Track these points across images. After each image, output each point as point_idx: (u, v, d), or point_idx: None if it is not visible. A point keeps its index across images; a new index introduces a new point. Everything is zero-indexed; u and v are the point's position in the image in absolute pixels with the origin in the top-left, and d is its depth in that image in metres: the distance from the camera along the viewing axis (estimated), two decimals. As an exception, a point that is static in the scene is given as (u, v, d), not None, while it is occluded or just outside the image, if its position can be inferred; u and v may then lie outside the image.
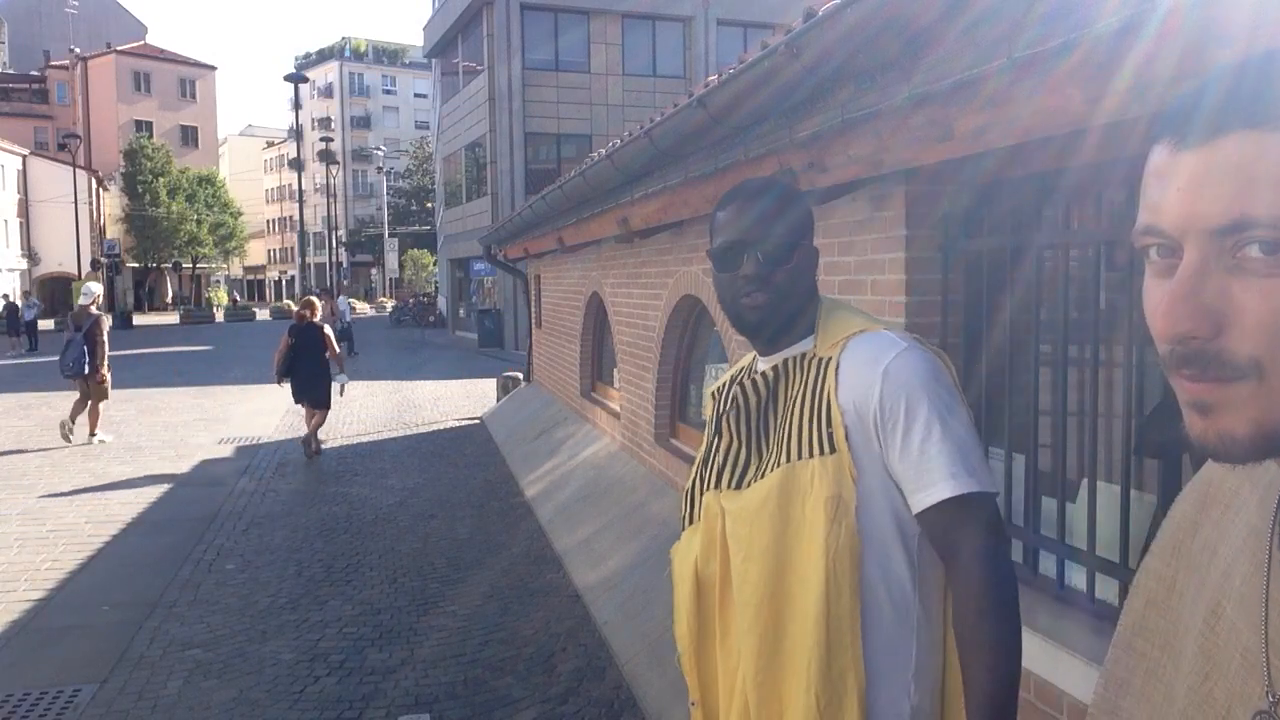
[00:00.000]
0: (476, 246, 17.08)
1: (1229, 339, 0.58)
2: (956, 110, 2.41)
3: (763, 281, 1.46)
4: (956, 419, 1.37)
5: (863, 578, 1.37)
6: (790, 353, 1.51)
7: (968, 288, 3.02)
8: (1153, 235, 0.62)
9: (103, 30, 65.00)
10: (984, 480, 1.36)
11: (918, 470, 1.35)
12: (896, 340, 1.43)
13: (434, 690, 4.21)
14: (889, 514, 1.39)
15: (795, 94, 3.06)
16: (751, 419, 1.51)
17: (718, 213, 1.55)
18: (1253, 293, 0.57)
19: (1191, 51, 1.65)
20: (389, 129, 75.26)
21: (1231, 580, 0.70)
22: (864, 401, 1.38)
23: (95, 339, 10.29)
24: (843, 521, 1.36)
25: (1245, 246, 0.57)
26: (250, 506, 7.77)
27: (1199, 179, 0.58)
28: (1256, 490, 0.71)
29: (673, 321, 6.19)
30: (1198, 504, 0.79)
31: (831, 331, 1.48)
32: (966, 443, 1.36)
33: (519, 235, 10.84)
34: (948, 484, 1.33)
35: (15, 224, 47.09)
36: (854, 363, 1.42)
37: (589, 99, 27.35)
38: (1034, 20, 2.00)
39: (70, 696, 4.19)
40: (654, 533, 5.51)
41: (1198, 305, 0.58)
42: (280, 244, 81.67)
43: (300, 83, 24.78)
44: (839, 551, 1.35)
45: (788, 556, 1.40)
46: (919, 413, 1.36)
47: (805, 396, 1.45)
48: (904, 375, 1.38)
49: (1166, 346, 0.61)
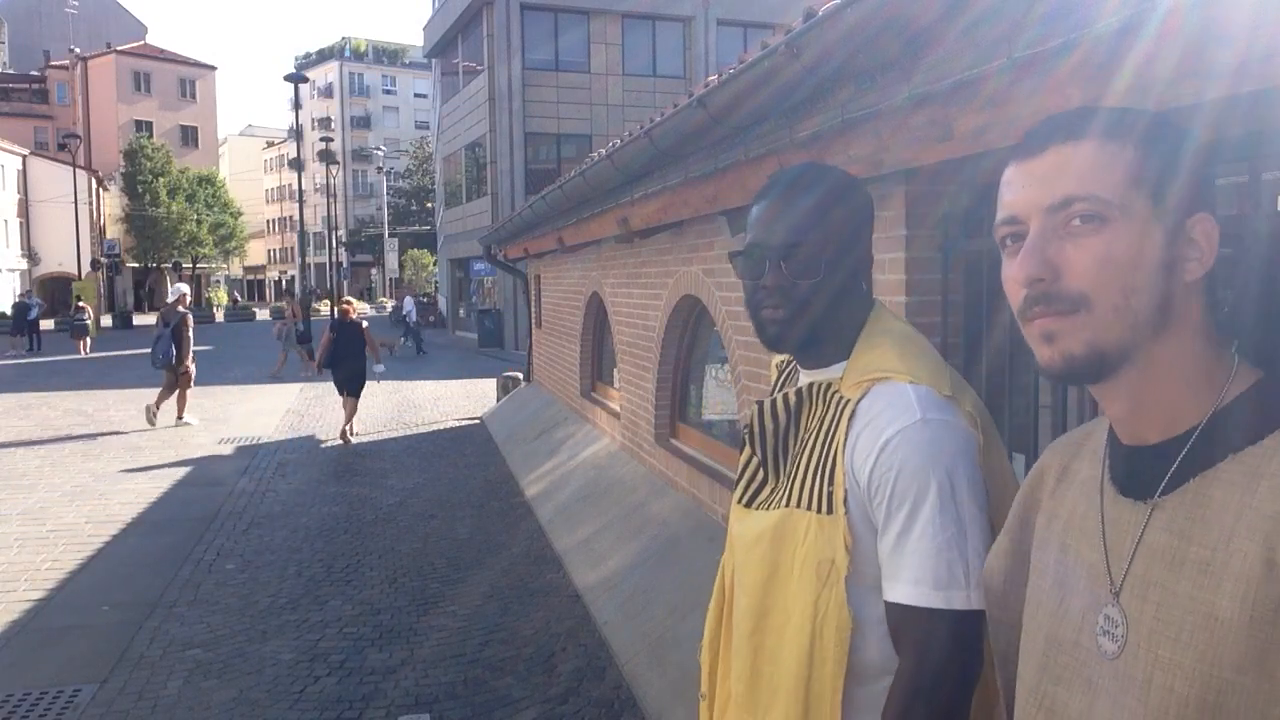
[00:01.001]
0: (476, 246, 17.09)
1: (1064, 282, 0.83)
2: (956, 110, 2.41)
3: (783, 294, 1.30)
4: (951, 515, 1.21)
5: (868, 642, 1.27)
6: (822, 376, 1.37)
7: (968, 288, 3.02)
8: (1007, 225, 0.88)
9: (103, 30, 64.98)
10: (958, 595, 1.19)
11: (890, 560, 1.24)
12: (914, 405, 1.24)
13: (434, 690, 4.22)
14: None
15: (795, 94, 3.06)
16: (769, 440, 1.39)
17: (753, 205, 1.38)
18: (1078, 249, 0.83)
19: (1191, 51, 1.65)
20: (389, 129, 75.26)
21: (1072, 523, 0.93)
22: (861, 469, 1.26)
23: (182, 334, 11.52)
24: (833, 588, 1.26)
25: (1071, 220, 0.83)
26: (250, 506, 7.77)
27: (1035, 177, 0.86)
28: (1086, 459, 0.96)
29: (673, 321, 6.19)
30: (1031, 486, 1.03)
31: (861, 365, 1.32)
32: (955, 547, 1.20)
33: (519, 235, 10.84)
34: (908, 588, 1.21)
35: (15, 224, 47.07)
36: (864, 420, 1.27)
37: (589, 99, 27.36)
38: (1034, 20, 2.00)
39: (70, 696, 4.19)
40: (654, 533, 5.51)
41: (1043, 258, 0.84)
42: (280, 244, 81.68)
43: (300, 83, 24.75)
44: (826, 617, 1.26)
45: (772, 601, 1.33)
46: (905, 500, 1.22)
47: (818, 438, 1.33)
48: (902, 454, 1.22)
49: (1021, 293, 0.86)
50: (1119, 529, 0.87)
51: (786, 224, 1.30)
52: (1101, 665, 0.85)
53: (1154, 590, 0.81)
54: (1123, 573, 0.85)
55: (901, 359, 1.30)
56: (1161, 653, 0.79)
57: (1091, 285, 0.82)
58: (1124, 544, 0.85)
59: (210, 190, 57.80)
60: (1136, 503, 0.85)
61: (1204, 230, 0.83)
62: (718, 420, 5.94)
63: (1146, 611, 0.81)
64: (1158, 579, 0.81)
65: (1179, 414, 0.84)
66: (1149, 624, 0.80)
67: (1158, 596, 0.81)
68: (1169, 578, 0.80)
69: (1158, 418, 0.85)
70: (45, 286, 47.39)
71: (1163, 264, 0.82)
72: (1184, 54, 1.66)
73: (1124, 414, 0.88)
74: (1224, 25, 1.59)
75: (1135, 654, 0.81)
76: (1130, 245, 0.82)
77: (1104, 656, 0.85)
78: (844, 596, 1.25)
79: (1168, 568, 0.81)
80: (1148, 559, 0.82)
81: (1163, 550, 0.82)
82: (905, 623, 1.22)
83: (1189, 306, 0.84)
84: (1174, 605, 0.79)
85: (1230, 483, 0.79)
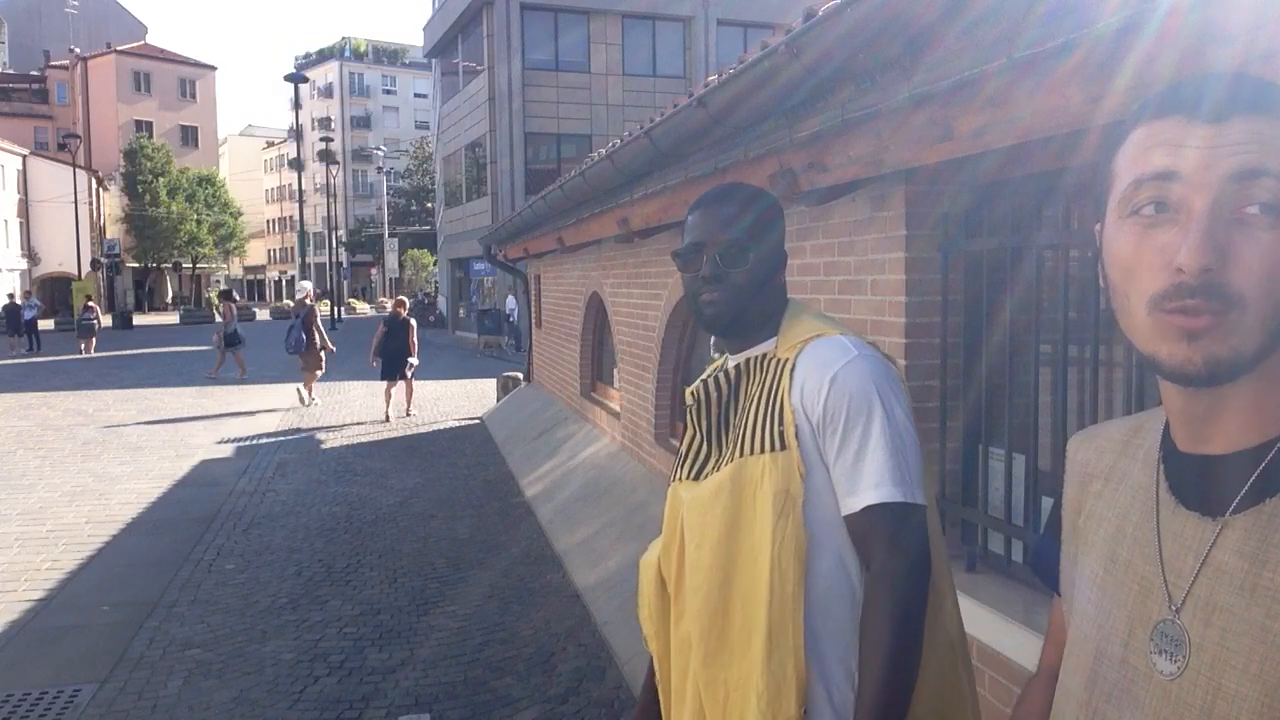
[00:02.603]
0: (476, 246, 17.09)
1: (1231, 274, 0.72)
2: (956, 110, 2.41)
3: (718, 281, 1.53)
4: (895, 429, 1.41)
5: (810, 570, 1.42)
6: (754, 352, 1.58)
7: (968, 288, 3.02)
8: (1157, 181, 0.76)
9: (103, 30, 64.98)
10: (910, 491, 1.39)
11: (849, 476, 1.41)
12: (849, 347, 1.48)
13: (434, 690, 4.22)
14: (836, 510, 1.44)
15: (795, 94, 3.06)
16: (713, 414, 1.59)
17: (688, 215, 1.62)
18: (1249, 241, 0.72)
19: (1191, 51, 1.65)
20: (389, 129, 75.23)
21: (1124, 531, 0.87)
22: (812, 404, 1.45)
23: (311, 324, 13.39)
24: (789, 515, 1.42)
25: (1249, 205, 0.72)
26: (250, 506, 7.77)
27: (1217, 141, 0.74)
28: (1138, 460, 0.89)
29: (672, 321, 6.19)
30: (1078, 487, 0.97)
31: (792, 334, 1.55)
32: (901, 453, 1.40)
33: (519, 235, 10.84)
34: (871, 492, 1.38)
35: (15, 224, 47.07)
36: (807, 366, 1.48)
37: (589, 99, 27.36)
38: (1034, 20, 2.00)
39: (70, 696, 4.19)
40: (654, 533, 5.50)
41: (1215, 244, 0.72)
42: (280, 244, 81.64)
43: (300, 83, 24.78)
44: (784, 544, 1.41)
45: (737, 547, 1.46)
46: (858, 420, 1.41)
47: (762, 395, 1.52)
48: (850, 382, 1.43)
49: (1175, 281, 0.74)
50: (1180, 544, 0.81)
51: (718, 224, 1.55)
52: (1151, 685, 0.80)
53: (1220, 615, 0.76)
54: (1184, 592, 0.79)
55: (826, 324, 1.56)
56: (1226, 683, 0.74)
57: (1253, 287, 0.73)
58: (1185, 560, 0.80)
59: (210, 190, 57.79)
60: (1203, 518, 0.80)
61: None
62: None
63: (1210, 637, 0.76)
64: (1225, 604, 0.76)
65: (1256, 425, 0.79)
66: (1213, 650, 0.76)
67: (1223, 622, 0.75)
68: (1238, 603, 0.75)
69: (1233, 427, 0.80)
70: (45, 286, 47.40)
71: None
72: (1184, 54, 1.66)
73: (1199, 417, 0.81)
74: (1224, 25, 1.59)
75: (1195, 681, 0.76)
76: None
77: (1162, 676, 0.80)
78: (801, 520, 1.42)
79: (1237, 593, 0.75)
80: (1214, 580, 0.77)
81: (1232, 573, 0.76)
82: (872, 524, 1.38)
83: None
84: (1243, 634, 0.74)
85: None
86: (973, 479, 3.07)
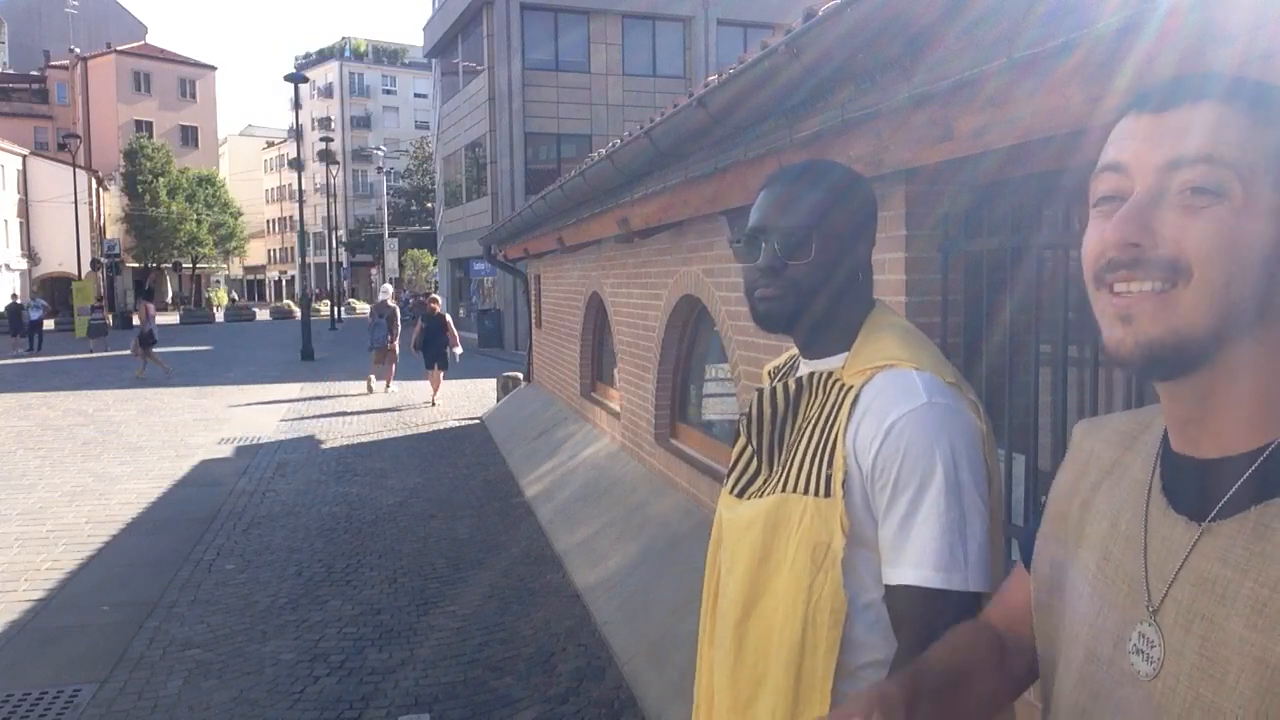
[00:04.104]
0: (476, 246, 17.10)
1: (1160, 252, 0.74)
2: (956, 110, 2.41)
3: (775, 274, 1.33)
4: (956, 500, 1.20)
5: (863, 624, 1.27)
6: (823, 365, 1.38)
7: (968, 288, 3.02)
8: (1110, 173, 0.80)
9: (103, 30, 64.97)
10: (958, 577, 1.19)
11: (893, 544, 1.23)
12: (920, 390, 1.24)
13: (434, 690, 4.22)
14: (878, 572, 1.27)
15: (795, 94, 3.06)
16: (765, 429, 1.41)
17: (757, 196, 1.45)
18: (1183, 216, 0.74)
19: (1191, 51, 1.65)
20: (389, 129, 75.22)
21: (1118, 527, 0.85)
22: (865, 453, 1.25)
23: (393, 323, 15.21)
24: (829, 572, 1.25)
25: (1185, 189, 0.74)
26: (250, 507, 7.77)
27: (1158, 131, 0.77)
28: (1139, 455, 0.88)
29: (673, 321, 6.19)
30: (1076, 474, 0.94)
31: (864, 355, 1.33)
32: (958, 530, 1.20)
33: (519, 235, 10.84)
34: (910, 570, 1.20)
35: (15, 224, 47.06)
36: (869, 403, 1.27)
37: (589, 99, 27.35)
38: (1034, 20, 2.00)
39: (70, 696, 4.19)
40: (654, 533, 5.51)
41: (1144, 222, 0.75)
42: (280, 244, 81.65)
43: (300, 83, 24.71)
44: (820, 602, 1.26)
45: (765, 586, 1.32)
46: (910, 482, 1.21)
47: (818, 424, 1.32)
48: (909, 435, 1.22)
49: (1107, 256, 0.77)
50: (1166, 545, 0.80)
51: (780, 208, 1.34)
52: (1135, 687, 0.79)
53: (1200, 623, 0.75)
54: (1162, 593, 0.79)
55: (905, 348, 1.31)
56: (1203, 692, 0.73)
57: (1193, 260, 0.73)
58: (1168, 563, 0.79)
59: (210, 190, 57.81)
60: (1189, 522, 0.79)
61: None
62: (718, 420, 5.94)
63: (1190, 645, 0.75)
64: (1206, 612, 0.75)
65: (1246, 430, 0.77)
66: (1192, 659, 0.75)
67: (1203, 631, 0.74)
68: (1219, 612, 0.73)
69: (1221, 430, 0.78)
70: (45, 286, 47.40)
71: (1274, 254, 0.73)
72: (1184, 54, 1.66)
73: (1184, 419, 0.81)
74: (1224, 25, 1.59)
75: (1174, 688, 0.75)
76: (1243, 225, 0.73)
77: (1137, 677, 0.79)
78: (840, 580, 1.24)
79: (1219, 602, 0.74)
80: (1195, 587, 0.76)
81: (1214, 581, 0.75)
82: (906, 605, 1.21)
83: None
84: (1222, 644, 0.73)
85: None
86: (973, 479, 3.06)
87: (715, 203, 4.35)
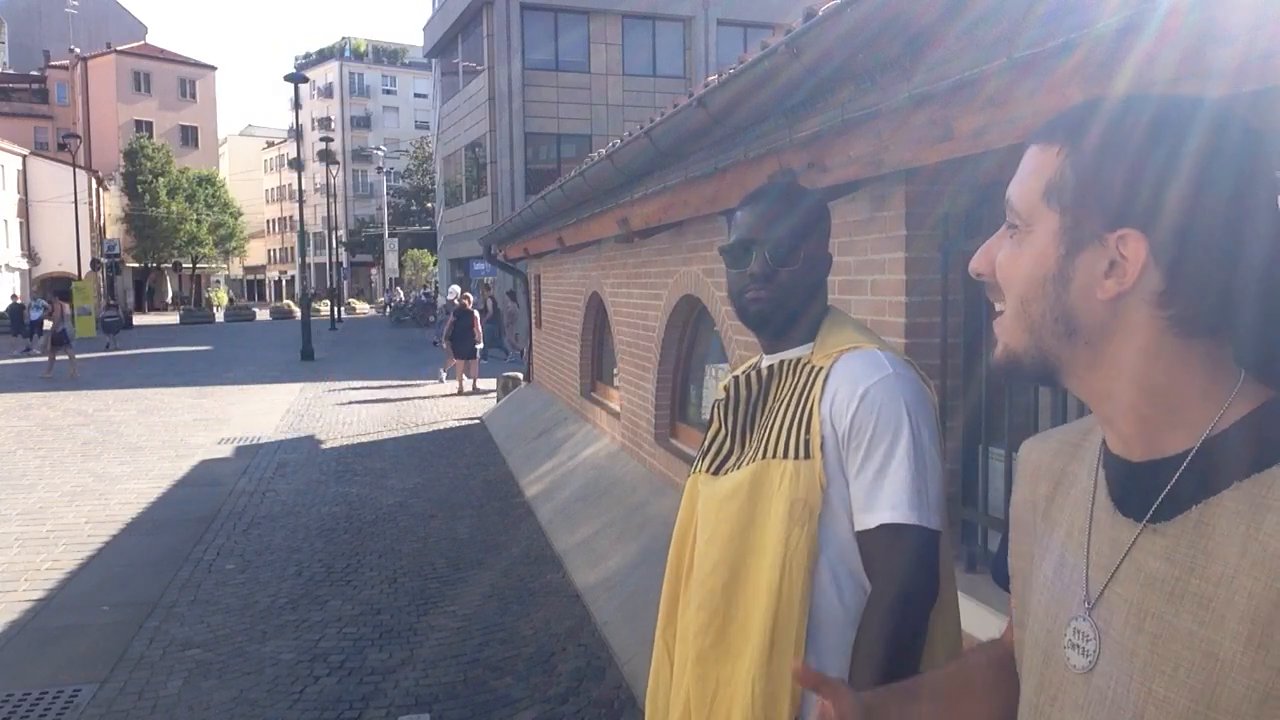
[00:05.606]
0: (476, 246, 17.11)
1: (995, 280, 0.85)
2: (956, 110, 2.41)
3: (767, 279, 1.53)
4: (921, 452, 1.42)
5: (818, 581, 1.42)
6: (789, 355, 1.57)
7: (968, 288, 3.02)
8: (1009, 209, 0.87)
9: (103, 30, 64.97)
10: (925, 515, 1.39)
11: (868, 493, 1.41)
12: (885, 363, 1.47)
13: (434, 690, 4.22)
14: (849, 527, 1.44)
15: (795, 94, 3.06)
16: (740, 411, 1.59)
17: (736, 211, 1.63)
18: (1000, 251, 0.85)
19: (1191, 51, 1.65)
20: (389, 129, 75.21)
21: (1071, 534, 0.89)
22: (840, 416, 1.45)
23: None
24: (804, 526, 1.42)
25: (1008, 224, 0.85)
26: (250, 506, 7.77)
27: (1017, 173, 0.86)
28: (1084, 463, 0.92)
29: (673, 321, 6.19)
30: (1029, 489, 0.99)
31: (829, 343, 1.54)
32: (923, 477, 1.41)
33: (519, 235, 10.84)
34: (887, 511, 1.39)
35: (15, 224, 47.07)
36: (841, 377, 1.47)
37: (589, 99, 27.37)
38: (1034, 20, 2.00)
39: (70, 696, 4.19)
40: (654, 533, 5.51)
41: (988, 255, 0.86)
42: (280, 244, 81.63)
43: (300, 83, 24.70)
44: (795, 554, 1.41)
45: (747, 547, 1.47)
46: (884, 438, 1.41)
47: (792, 400, 1.51)
48: (881, 399, 1.43)
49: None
50: (1108, 544, 0.83)
51: (768, 222, 1.55)
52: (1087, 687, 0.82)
53: (1151, 621, 0.77)
54: (1100, 588, 0.81)
55: (865, 336, 1.56)
56: (1156, 688, 0.75)
57: (1003, 289, 0.84)
58: (1110, 560, 0.82)
59: (210, 190, 57.82)
60: (1127, 520, 0.81)
61: (1131, 248, 0.76)
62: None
63: (1142, 643, 0.77)
64: (1156, 610, 0.77)
65: (1166, 434, 0.79)
66: (1144, 656, 0.77)
67: (1154, 628, 0.76)
68: (1168, 610, 0.76)
69: (1140, 435, 0.81)
70: (45, 286, 47.40)
71: (1055, 278, 0.79)
72: (1184, 54, 1.66)
73: (1102, 421, 0.85)
74: (1224, 25, 1.59)
75: (1128, 685, 0.77)
76: (1027, 254, 0.82)
77: (1072, 670, 0.82)
78: (814, 532, 1.42)
79: (1167, 599, 0.76)
80: (1145, 586, 0.78)
81: (1162, 580, 0.77)
82: (881, 543, 1.39)
83: (1128, 321, 0.77)
84: (1172, 640, 0.75)
85: (1235, 512, 0.74)
86: (973, 479, 3.07)
87: (715, 203, 4.35)
